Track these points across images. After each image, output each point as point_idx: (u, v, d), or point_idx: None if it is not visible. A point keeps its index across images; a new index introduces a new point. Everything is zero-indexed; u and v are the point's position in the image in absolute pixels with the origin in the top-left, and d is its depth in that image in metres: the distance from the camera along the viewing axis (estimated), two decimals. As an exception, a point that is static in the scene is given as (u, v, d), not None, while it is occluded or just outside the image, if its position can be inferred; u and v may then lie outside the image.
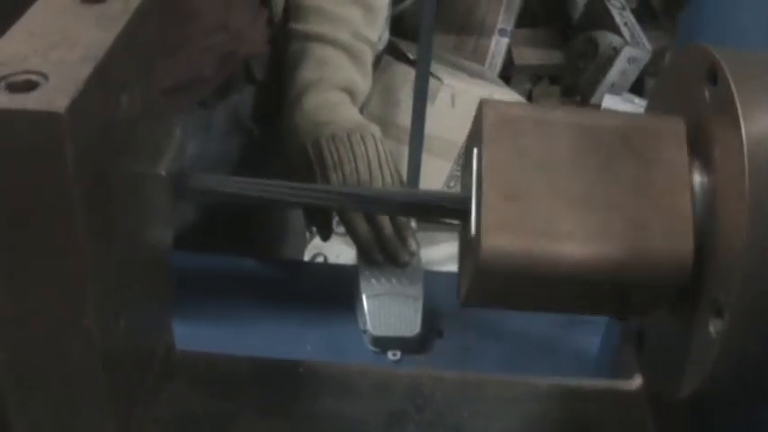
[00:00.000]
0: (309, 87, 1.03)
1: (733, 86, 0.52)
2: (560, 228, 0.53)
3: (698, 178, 0.55)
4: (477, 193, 0.54)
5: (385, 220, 0.96)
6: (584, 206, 0.54)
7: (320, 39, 1.05)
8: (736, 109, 0.51)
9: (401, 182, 1.01)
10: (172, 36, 0.99)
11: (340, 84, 1.05)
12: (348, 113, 1.03)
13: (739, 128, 0.51)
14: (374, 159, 0.97)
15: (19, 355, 0.51)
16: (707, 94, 0.55)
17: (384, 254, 0.97)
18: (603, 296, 0.56)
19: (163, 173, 0.56)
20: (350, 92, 1.06)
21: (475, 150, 0.55)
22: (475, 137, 0.57)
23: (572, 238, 0.53)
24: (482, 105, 0.56)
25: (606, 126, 0.56)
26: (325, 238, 1.06)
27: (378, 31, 1.12)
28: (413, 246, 0.97)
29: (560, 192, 0.54)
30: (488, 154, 0.55)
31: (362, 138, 0.98)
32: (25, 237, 0.46)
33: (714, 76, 0.54)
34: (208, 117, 1.10)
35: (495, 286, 0.55)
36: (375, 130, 1.02)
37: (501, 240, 0.53)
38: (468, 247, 0.56)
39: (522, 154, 0.55)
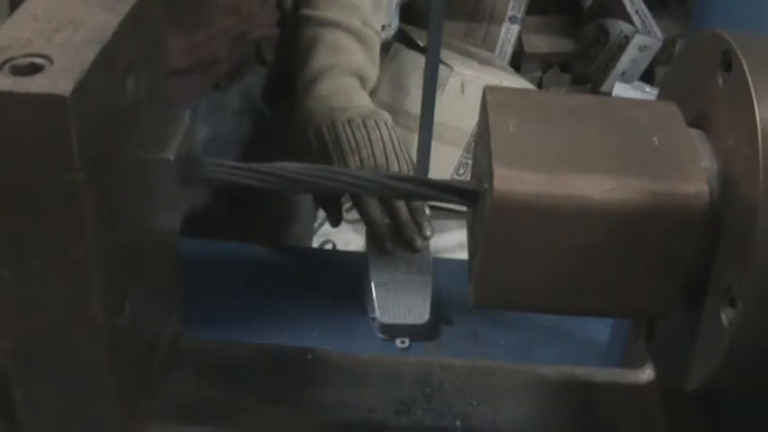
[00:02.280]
0: (323, 73, 1.04)
1: (747, 72, 0.51)
2: (571, 162, 0.53)
3: (711, 165, 0.54)
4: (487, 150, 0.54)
5: (401, 205, 0.96)
6: (592, 147, 0.54)
7: (332, 25, 1.06)
8: (750, 95, 0.50)
9: (413, 167, 1.01)
10: (188, 17, 1.00)
11: (353, 69, 1.05)
12: (362, 100, 1.03)
13: (753, 114, 0.50)
14: (388, 145, 0.98)
15: (24, 342, 0.50)
16: (720, 80, 0.55)
17: (399, 239, 0.97)
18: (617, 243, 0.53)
19: (171, 157, 0.56)
20: (361, 77, 1.07)
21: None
22: (481, 121, 0.57)
23: (582, 171, 0.52)
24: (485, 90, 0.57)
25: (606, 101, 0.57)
26: (335, 223, 1.05)
27: (381, 21, 1.13)
28: (428, 230, 0.97)
29: (567, 136, 0.54)
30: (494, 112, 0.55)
31: (376, 123, 0.98)
32: (29, 222, 0.46)
33: (728, 62, 0.54)
34: (221, 99, 1.12)
35: (510, 230, 0.53)
36: (387, 117, 1.02)
37: (513, 172, 0.52)
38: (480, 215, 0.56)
39: (526, 111, 0.56)
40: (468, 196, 0.58)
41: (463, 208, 0.60)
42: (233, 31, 1.07)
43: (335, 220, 1.06)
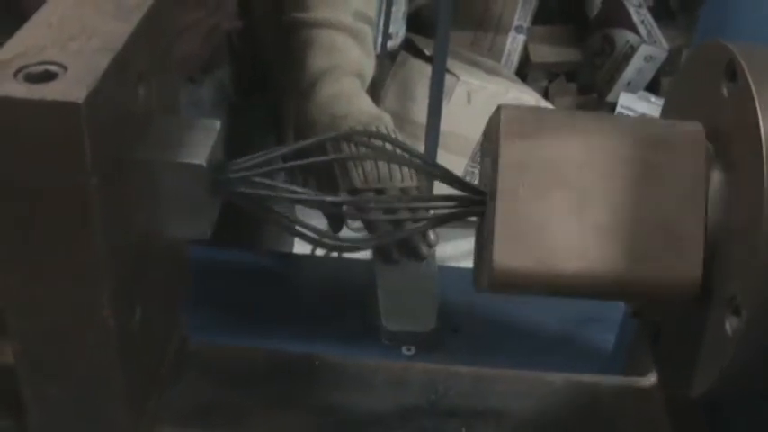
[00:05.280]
0: (322, 77, 1.03)
1: (751, 83, 0.52)
2: (569, 248, 0.55)
3: (715, 175, 0.54)
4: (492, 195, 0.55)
5: (405, 215, 0.96)
6: (596, 226, 0.55)
7: (324, 24, 1.05)
8: (754, 105, 0.51)
9: (416, 175, 1.01)
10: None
11: (351, 69, 1.04)
12: (363, 104, 1.03)
13: (758, 124, 0.50)
14: (391, 153, 0.97)
15: (36, 344, 0.51)
16: (725, 90, 0.55)
17: (404, 248, 0.97)
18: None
19: (203, 164, 0.56)
20: (360, 75, 1.06)
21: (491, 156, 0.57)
22: (490, 138, 0.58)
23: (579, 258, 0.54)
24: (499, 108, 0.57)
25: (623, 134, 0.56)
26: (336, 229, 1.05)
27: (375, 7, 1.12)
28: (432, 238, 0.97)
29: (572, 205, 0.55)
30: (504, 156, 0.55)
31: (379, 131, 0.98)
32: (42, 225, 0.46)
33: (732, 72, 0.54)
34: (196, 92, 1.13)
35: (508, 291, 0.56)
36: (388, 120, 1.01)
37: (512, 260, 0.54)
38: (484, 248, 0.57)
39: (536, 159, 0.56)
40: (475, 211, 0.59)
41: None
42: (204, 24, 1.08)
43: (336, 226, 1.05)
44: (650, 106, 2.90)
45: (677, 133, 0.57)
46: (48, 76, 0.44)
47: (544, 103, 2.93)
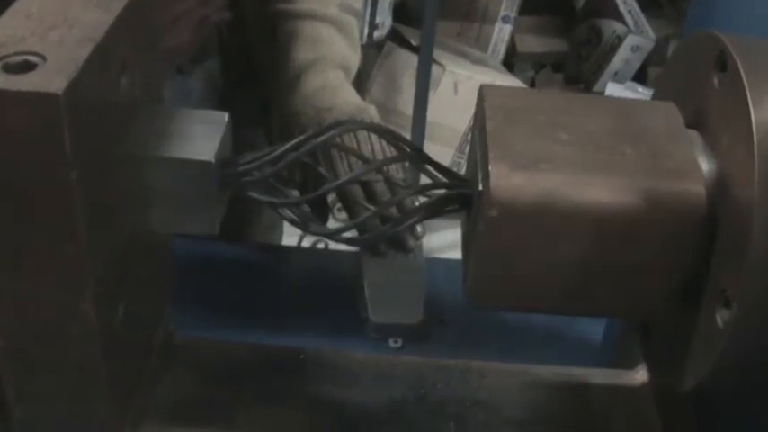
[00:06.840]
0: (307, 69, 1.02)
1: (742, 73, 0.51)
2: (569, 165, 0.53)
3: (706, 166, 0.54)
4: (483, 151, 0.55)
5: (391, 207, 0.95)
6: (590, 149, 0.54)
7: (309, 16, 1.05)
8: (745, 96, 0.50)
9: (403, 167, 1.00)
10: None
11: (335, 61, 1.04)
12: (348, 96, 1.02)
13: (748, 115, 0.50)
14: (377, 146, 0.97)
15: (18, 340, 0.50)
16: (715, 80, 0.55)
17: (391, 241, 0.96)
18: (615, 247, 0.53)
19: (212, 160, 0.55)
20: (345, 68, 1.06)
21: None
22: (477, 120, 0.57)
23: (580, 175, 0.53)
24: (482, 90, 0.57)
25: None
26: (322, 221, 1.05)
27: None
28: (419, 230, 0.96)
29: (564, 138, 0.54)
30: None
31: (369, 121, 0.98)
32: (23, 221, 0.46)
33: (723, 62, 0.54)
34: (185, 83, 1.12)
35: (508, 237, 0.53)
36: (373, 112, 1.01)
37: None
38: (474, 218, 0.56)
39: (524, 112, 0.56)
40: (462, 202, 0.58)
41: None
42: (193, 15, 1.07)
43: (321, 218, 1.05)
44: (637, 96, 2.89)
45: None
46: (27, 67, 0.43)
47: (531, 94, 2.93)
